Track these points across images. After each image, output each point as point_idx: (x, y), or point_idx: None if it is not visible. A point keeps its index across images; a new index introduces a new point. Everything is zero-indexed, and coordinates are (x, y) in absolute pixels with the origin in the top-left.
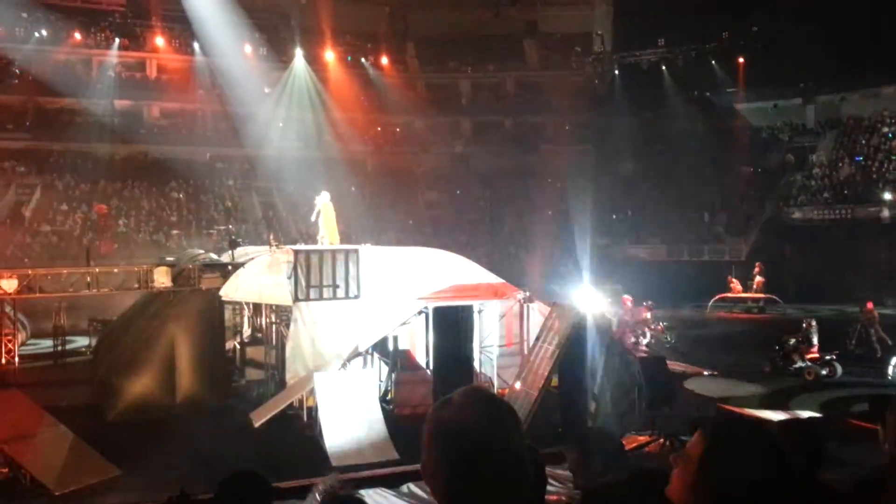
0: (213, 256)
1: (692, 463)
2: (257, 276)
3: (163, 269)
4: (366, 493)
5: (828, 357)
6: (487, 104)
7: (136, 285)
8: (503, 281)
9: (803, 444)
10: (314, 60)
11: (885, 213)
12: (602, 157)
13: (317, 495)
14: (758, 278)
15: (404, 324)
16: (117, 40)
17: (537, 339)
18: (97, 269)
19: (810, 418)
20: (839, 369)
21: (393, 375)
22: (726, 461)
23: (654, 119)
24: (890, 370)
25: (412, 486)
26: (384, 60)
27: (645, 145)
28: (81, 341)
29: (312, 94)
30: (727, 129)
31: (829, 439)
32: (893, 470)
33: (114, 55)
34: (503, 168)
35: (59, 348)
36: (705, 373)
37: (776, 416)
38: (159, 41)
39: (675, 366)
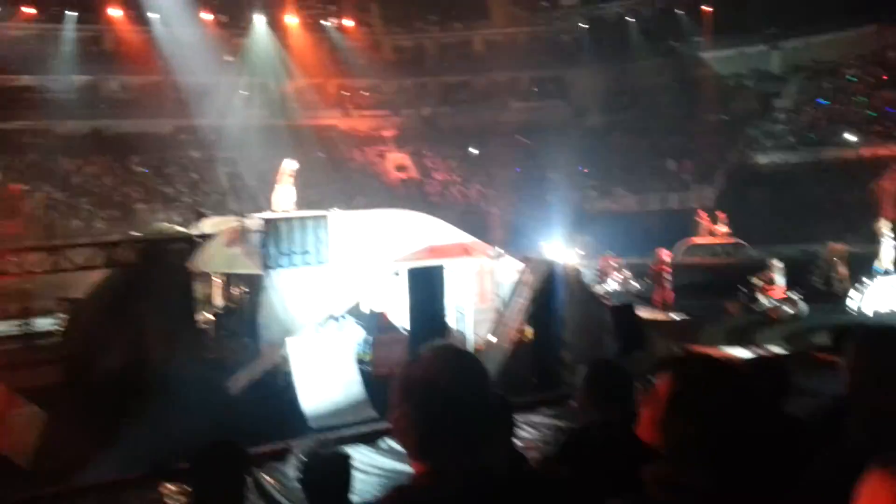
0: (180, 229)
1: (660, 401)
2: (226, 247)
3: (129, 243)
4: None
5: (792, 295)
6: (455, 64)
7: (103, 262)
8: (475, 239)
9: (769, 378)
10: (275, 25)
11: (849, 154)
12: (571, 111)
13: (301, 457)
14: (723, 228)
15: (378, 286)
16: (70, 14)
17: (511, 293)
18: (61, 247)
19: (776, 354)
20: (803, 306)
21: (369, 337)
22: (693, 398)
23: (621, 71)
24: (850, 304)
25: (390, 442)
26: (348, 23)
27: (613, 98)
28: (48, 321)
29: (275, 60)
30: (694, 78)
31: (795, 373)
32: (852, 398)
33: (69, 29)
34: (473, 127)
35: (27, 330)
36: (674, 317)
37: (743, 353)
38: (114, 13)
39: (643, 312)
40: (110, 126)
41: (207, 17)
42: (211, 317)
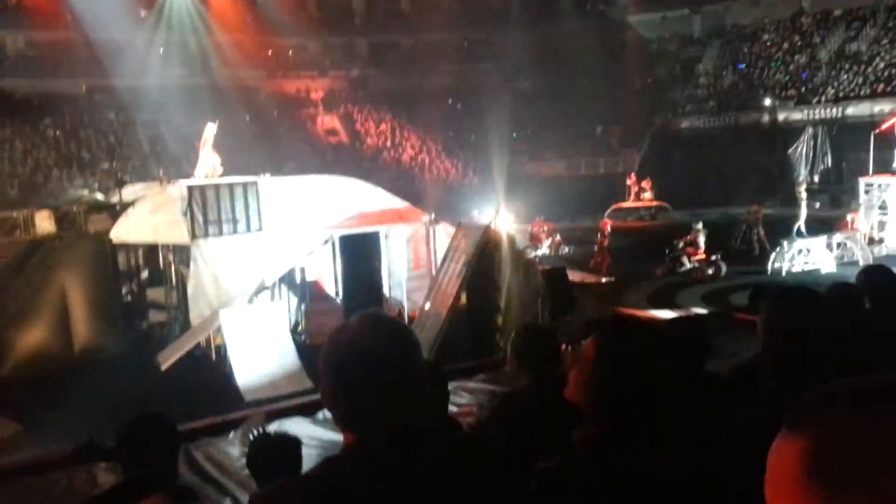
0: (99, 197)
1: (587, 364)
2: (150, 215)
3: (44, 213)
4: (281, 423)
5: (714, 257)
6: (383, 23)
7: (17, 233)
8: (408, 204)
9: (691, 339)
10: None
11: (766, 118)
12: (501, 75)
13: (249, 436)
14: (647, 195)
15: (311, 254)
16: None
17: (444, 259)
18: None
19: (698, 315)
20: (724, 268)
21: (303, 307)
22: (618, 360)
23: (550, 34)
24: (769, 265)
25: (327, 413)
26: None
27: (542, 61)
28: None
29: (194, 16)
30: (619, 42)
31: (716, 333)
32: (765, 356)
33: None
34: (403, 90)
35: None
36: (602, 280)
37: (666, 314)
38: None
39: (574, 275)
40: (18, 86)
41: None
42: (137, 289)
